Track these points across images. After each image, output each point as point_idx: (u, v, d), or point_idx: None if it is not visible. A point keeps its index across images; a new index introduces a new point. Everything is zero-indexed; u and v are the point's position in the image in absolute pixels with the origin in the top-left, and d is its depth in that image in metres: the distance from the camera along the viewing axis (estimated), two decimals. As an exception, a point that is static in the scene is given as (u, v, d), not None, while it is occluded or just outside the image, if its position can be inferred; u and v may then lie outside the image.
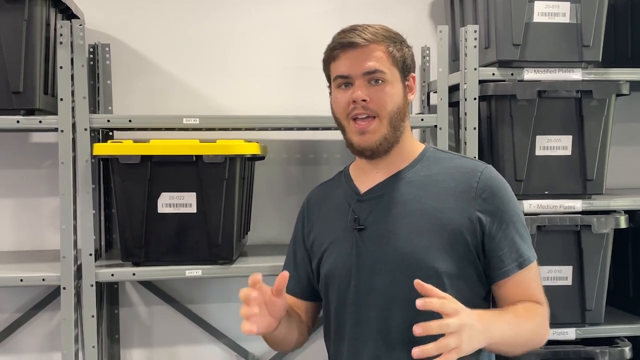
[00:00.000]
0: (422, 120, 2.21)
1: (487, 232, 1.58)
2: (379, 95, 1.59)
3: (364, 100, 1.58)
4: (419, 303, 1.34)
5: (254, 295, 1.47)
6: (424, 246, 1.57)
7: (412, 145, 1.70)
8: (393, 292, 1.58)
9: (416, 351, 1.33)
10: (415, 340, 1.54)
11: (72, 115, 2.10)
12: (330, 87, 1.71)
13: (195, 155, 2.08)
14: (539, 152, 2.24)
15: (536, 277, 1.64)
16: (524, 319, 1.56)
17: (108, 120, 2.18)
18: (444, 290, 1.55)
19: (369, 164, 1.68)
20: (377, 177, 1.68)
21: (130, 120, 2.16)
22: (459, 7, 2.53)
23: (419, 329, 1.33)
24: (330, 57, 1.66)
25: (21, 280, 2.09)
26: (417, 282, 1.38)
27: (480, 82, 2.23)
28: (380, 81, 1.60)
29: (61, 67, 2.07)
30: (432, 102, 2.57)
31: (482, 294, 1.64)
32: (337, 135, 2.64)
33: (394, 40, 1.64)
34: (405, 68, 1.65)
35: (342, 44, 1.62)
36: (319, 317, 1.85)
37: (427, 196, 1.62)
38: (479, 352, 1.62)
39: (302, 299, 1.79)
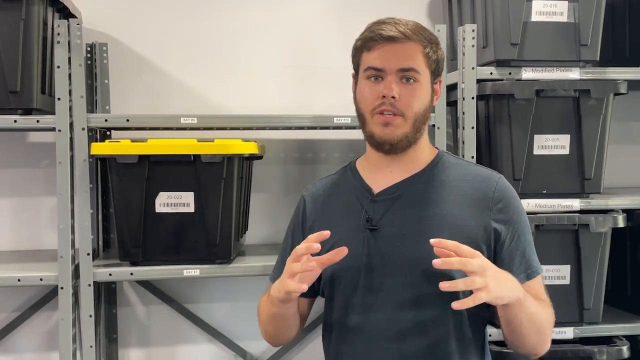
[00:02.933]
0: (420, 119, 2.21)
1: (501, 241, 1.59)
2: (409, 95, 1.57)
3: (393, 97, 1.56)
4: (437, 262, 1.38)
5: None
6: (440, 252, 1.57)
7: (428, 148, 1.69)
8: (404, 295, 1.57)
9: (445, 285, 1.38)
10: (425, 344, 1.56)
11: (69, 114, 2.09)
12: (356, 75, 1.67)
13: (193, 155, 2.08)
14: (536, 151, 2.24)
15: (541, 289, 1.65)
16: (542, 310, 1.59)
17: (106, 120, 2.18)
18: (455, 298, 1.54)
19: (383, 162, 1.65)
20: (391, 176, 1.65)
21: (127, 120, 2.16)
22: (456, 6, 2.53)
23: (445, 284, 1.37)
24: (364, 46, 1.61)
25: (19, 280, 2.09)
26: (435, 241, 1.41)
27: (478, 81, 2.23)
28: (412, 80, 1.57)
29: (59, 67, 2.07)
30: (430, 101, 2.58)
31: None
32: (335, 134, 2.67)
33: (430, 41, 1.61)
34: (436, 71, 1.64)
35: (381, 36, 1.57)
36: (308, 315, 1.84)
37: (443, 201, 1.61)
38: (483, 351, 1.63)
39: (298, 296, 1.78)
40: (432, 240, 1.42)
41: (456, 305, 1.37)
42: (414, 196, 1.63)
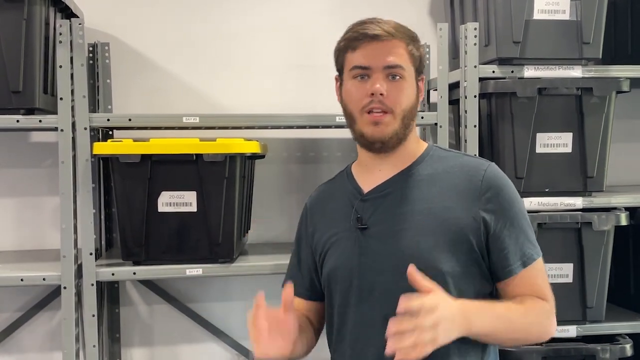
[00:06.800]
0: (422, 118, 2.21)
1: (492, 231, 1.58)
2: (396, 92, 1.58)
3: (381, 95, 1.57)
4: (399, 308, 1.36)
5: (261, 314, 1.49)
6: (428, 246, 1.57)
7: (416, 143, 1.70)
8: (396, 292, 1.56)
9: (389, 350, 1.34)
10: None
11: (71, 114, 2.09)
12: (340, 76, 1.68)
13: (196, 154, 2.08)
14: (539, 149, 2.24)
15: (541, 274, 1.63)
16: (519, 313, 1.56)
17: (108, 119, 2.18)
18: (447, 289, 1.55)
19: (373, 161, 1.66)
20: (380, 175, 1.66)
21: (130, 119, 2.16)
22: (458, 4, 2.53)
23: (393, 328, 1.34)
24: (348, 46, 1.62)
25: (22, 279, 2.09)
26: (410, 271, 1.40)
27: (481, 79, 2.23)
28: (398, 77, 1.59)
29: (61, 66, 2.07)
30: (432, 99, 2.57)
31: (487, 291, 1.64)
32: (337, 133, 2.67)
33: (412, 38, 1.63)
34: (419, 68, 1.65)
35: (365, 35, 1.58)
36: None
37: (432, 195, 1.61)
38: (485, 348, 1.62)
39: (308, 300, 1.78)
40: (408, 271, 1.40)
41: (389, 350, 1.35)
42: (403, 192, 1.63)
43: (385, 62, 1.58)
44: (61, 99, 2.08)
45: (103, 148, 2.08)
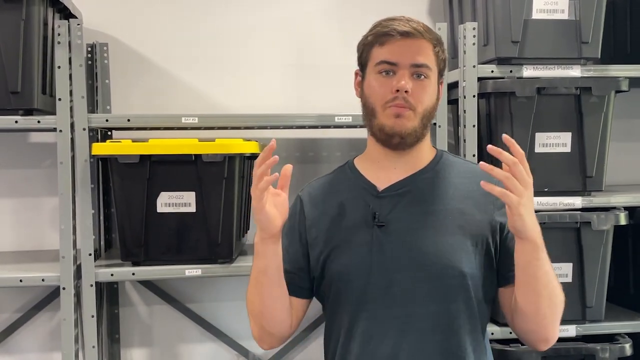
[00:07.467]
0: (421, 118, 2.21)
1: (506, 232, 1.60)
2: (420, 90, 1.59)
3: (406, 92, 1.57)
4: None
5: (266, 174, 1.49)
6: (450, 246, 1.57)
7: (429, 147, 1.71)
8: (415, 291, 1.57)
9: (486, 166, 1.44)
10: (438, 338, 1.56)
11: (70, 115, 2.09)
12: (362, 71, 1.67)
13: (195, 155, 2.08)
14: (538, 149, 2.23)
15: None
16: (554, 275, 1.59)
17: (107, 120, 2.18)
18: (467, 291, 1.56)
19: (388, 158, 1.65)
20: (395, 173, 1.65)
21: (128, 120, 2.16)
22: (457, 4, 2.52)
23: (486, 166, 1.43)
24: (375, 41, 1.62)
25: (21, 280, 2.09)
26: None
27: (479, 79, 2.23)
28: (423, 77, 1.59)
29: (59, 67, 2.07)
30: (431, 99, 2.58)
31: (493, 295, 1.65)
32: (336, 133, 2.66)
33: (439, 41, 1.64)
34: (442, 71, 1.66)
35: (395, 31, 1.59)
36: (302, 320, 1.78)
37: (449, 197, 1.62)
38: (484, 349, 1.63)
39: (289, 295, 1.72)
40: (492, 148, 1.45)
41: (487, 186, 1.43)
42: (420, 192, 1.63)
43: (413, 60, 1.58)
44: (60, 99, 2.08)
45: (102, 148, 2.08)
